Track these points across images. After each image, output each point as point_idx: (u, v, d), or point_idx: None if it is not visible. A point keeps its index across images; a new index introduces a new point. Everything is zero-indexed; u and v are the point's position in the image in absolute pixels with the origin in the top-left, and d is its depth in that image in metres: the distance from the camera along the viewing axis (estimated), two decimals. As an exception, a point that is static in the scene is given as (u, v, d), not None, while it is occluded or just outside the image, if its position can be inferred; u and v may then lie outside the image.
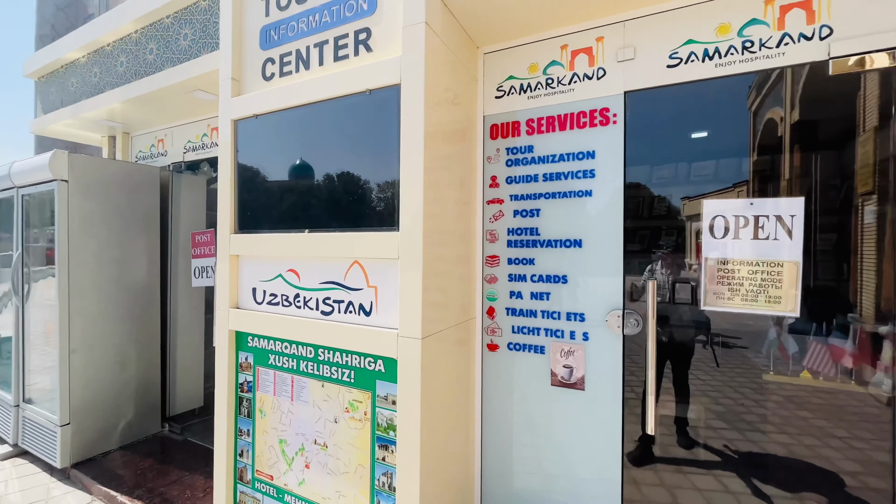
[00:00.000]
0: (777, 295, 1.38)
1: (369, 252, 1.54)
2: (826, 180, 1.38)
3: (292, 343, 1.76)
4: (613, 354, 1.60)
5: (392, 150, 1.50)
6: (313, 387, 1.71)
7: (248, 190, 1.91)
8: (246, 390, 1.92)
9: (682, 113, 1.52)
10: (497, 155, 1.83)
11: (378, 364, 1.54)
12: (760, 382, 1.51)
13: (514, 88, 1.79)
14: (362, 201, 1.60)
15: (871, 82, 1.30)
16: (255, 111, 1.84)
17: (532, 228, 1.75)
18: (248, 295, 1.91)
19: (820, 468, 1.45)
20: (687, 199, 1.55)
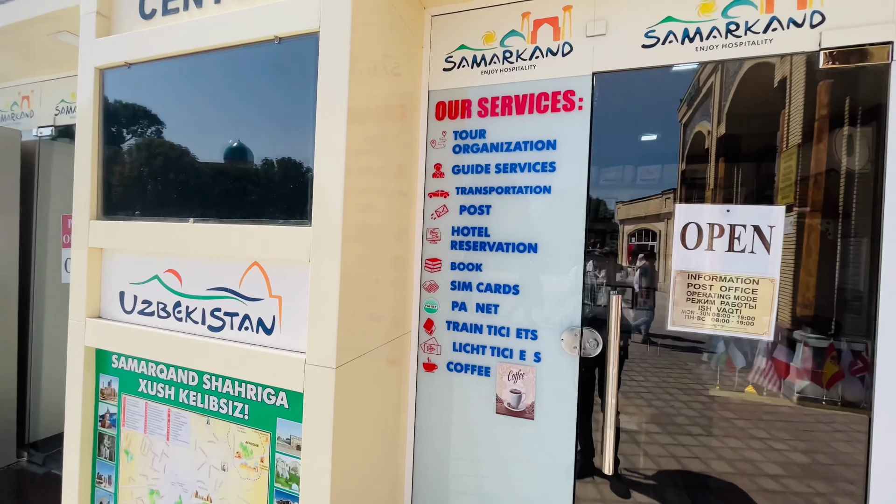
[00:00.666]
0: (750, 316, 1.22)
1: (273, 251, 1.18)
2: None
3: (169, 366, 1.35)
4: (568, 379, 1.37)
5: (307, 121, 1.15)
6: (196, 423, 1.31)
7: (115, 163, 1.45)
8: (108, 425, 1.47)
9: (658, 101, 1.32)
10: (443, 139, 1.53)
11: (280, 398, 1.19)
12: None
13: (465, 60, 1.50)
14: (266, 186, 1.22)
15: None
16: (127, 58, 1.39)
17: (481, 228, 1.48)
18: (114, 301, 1.46)
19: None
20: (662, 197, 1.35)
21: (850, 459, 1.27)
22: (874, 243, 1.23)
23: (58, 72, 2.46)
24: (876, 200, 1.24)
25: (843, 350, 1.39)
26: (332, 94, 1.10)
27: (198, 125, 1.33)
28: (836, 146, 1.28)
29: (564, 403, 1.37)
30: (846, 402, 1.34)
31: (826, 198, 1.30)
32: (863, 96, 1.22)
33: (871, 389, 1.19)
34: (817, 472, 1.38)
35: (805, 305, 1.34)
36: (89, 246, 1.44)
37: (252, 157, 1.25)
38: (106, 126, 1.45)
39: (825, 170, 1.29)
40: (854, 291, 1.30)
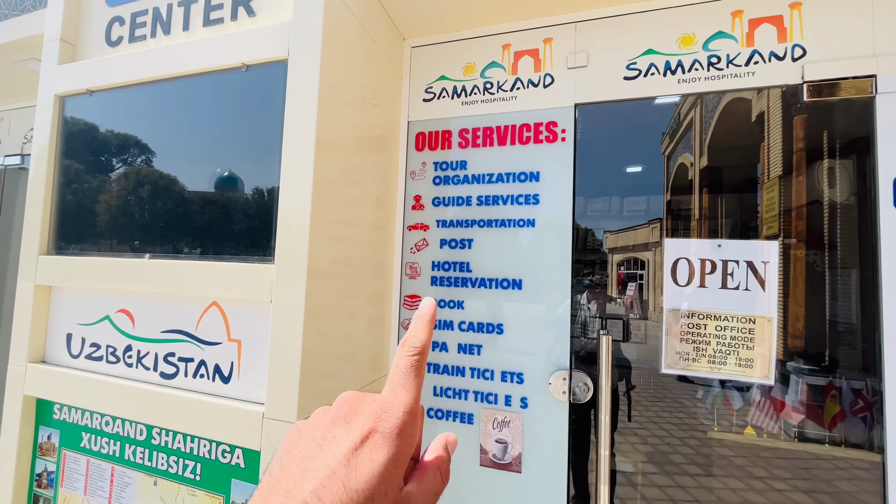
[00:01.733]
0: (749, 357, 1.14)
1: (233, 291, 1.08)
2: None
3: (115, 419, 1.21)
4: (557, 428, 1.26)
5: (274, 152, 1.07)
6: (142, 484, 1.17)
7: (70, 194, 1.35)
8: (45, 485, 1.30)
9: (642, 132, 1.28)
10: (423, 170, 1.47)
11: (236, 455, 1.06)
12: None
13: (445, 91, 1.46)
14: (229, 219, 1.14)
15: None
16: (89, 85, 1.32)
17: (462, 263, 1.40)
18: (61, 344, 1.32)
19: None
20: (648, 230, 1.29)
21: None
22: (864, 275, 1.19)
23: (27, 100, 2.39)
24: (864, 231, 1.21)
25: (844, 388, 1.31)
26: (299, 123, 1.03)
27: (159, 155, 1.25)
28: (819, 178, 1.26)
29: (554, 455, 1.26)
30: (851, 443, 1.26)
31: (812, 229, 1.27)
32: (847, 129, 1.21)
33: (882, 429, 1.10)
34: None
35: (802, 340, 1.28)
36: (36, 283, 1.32)
37: (215, 189, 1.17)
38: (62, 155, 1.37)
39: (809, 202, 1.26)
40: (850, 326, 1.25)
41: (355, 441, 0.28)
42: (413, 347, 0.32)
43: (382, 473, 0.27)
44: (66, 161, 1.36)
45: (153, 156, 1.25)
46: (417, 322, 0.34)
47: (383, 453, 0.28)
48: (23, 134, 2.41)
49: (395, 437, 0.29)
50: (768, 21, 1.16)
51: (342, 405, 0.31)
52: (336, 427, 0.30)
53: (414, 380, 0.31)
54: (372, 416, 0.30)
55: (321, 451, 0.28)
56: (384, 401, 0.30)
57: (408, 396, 0.31)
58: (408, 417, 0.30)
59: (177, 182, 1.22)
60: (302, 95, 1.04)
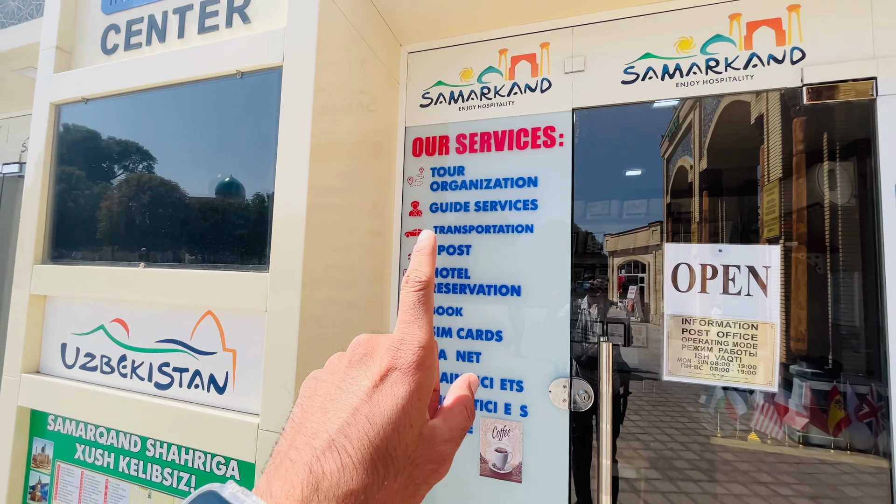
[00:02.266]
0: (752, 364, 1.12)
1: (228, 300, 1.06)
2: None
3: (110, 430, 1.20)
4: (558, 436, 1.24)
5: (268, 159, 1.07)
6: (136, 497, 1.15)
7: (65, 203, 1.34)
8: (38, 497, 1.29)
9: (640, 136, 1.27)
10: (420, 176, 1.47)
11: (231, 468, 1.04)
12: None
13: (442, 97, 1.46)
14: (222, 227, 1.13)
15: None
16: (84, 93, 1.32)
17: (461, 270, 1.39)
18: (55, 354, 1.31)
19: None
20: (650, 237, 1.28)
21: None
22: (866, 278, 1.17)
23: (25, 109, 2.39)
24: (865, 233, 1.20)
25: (848, 393, 1.30)
26: (294, 131, 1.02)
27: (154, 164, 1.24)
28: (820, 180, 1.25)
29: (555, 463, 1.24)
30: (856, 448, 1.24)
31: (813, 232, 1.26)
32: (848, 131, 1.20)
33: (889, 434, 1.08)
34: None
35: (805, 345, 1.26)
36: (31, 292, 1.31)
37: (210, 196, 1.16)
38: (58, 163, 1.36)
39: (810, 204, 1.25)
40: (854, 329, 1.23)
41: (374, 379, 0.28)
42: (417, 282, 0.32)
43: (405, 406, 0.28)
44: (62, 169, 1.35)
45: (148, 164, 1.25)
46: (418, 256, 0.33)
47: (404, 387, 0.28)
48: (21, 142, 2.41)
49: (413, 371, 0.29)
50: (766, 24, 1.15)
51: (357, 348, 0.31)
52: (353, 368, 0.30)
53: (424, 314, 0.31)
54: (388, 354, 0.30)
55: (342, 391, 0.29)
56: (398, 338, 0.30)
57: (420, 331, 0.30)
58: (424, 351, 0.30)
59: (172, 190, 1.21)
60: (296, 102, 1.03)
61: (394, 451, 0.26)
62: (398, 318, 0.32)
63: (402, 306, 0.32)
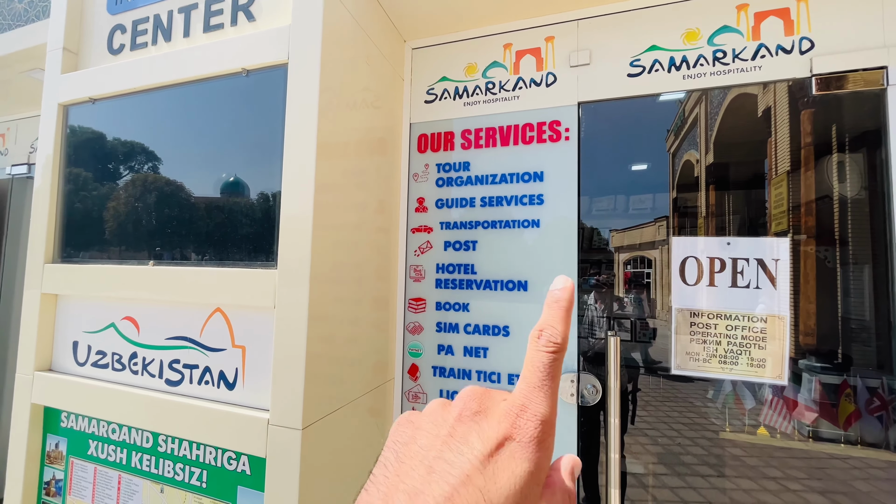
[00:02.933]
0: (761, 357, 1.12)
1: (236, 297, 1.07)
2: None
3: (122, 426, 1.21)
4: (566, 430, 1.24)
5: (275, 157, 1.07)
6: (148, 492, 1.16)
7: (75, 203, 1.36)
8: (53, 493, 1.31)
9: (647, 129, 1.27)
10: (425, 172, 1.47)
11: (242, 463, 1.06)
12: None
13: (447, 92, 1.46)
14: (230, 225, 1.13)
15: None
16: (92, 93, 1.33)
17: (467, 265, 1.39)
18: (67, 352, 1.33)
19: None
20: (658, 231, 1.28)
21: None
22: (877, 270, 1.16)
23: (33, 110, 2.41)
24: (875, 226, 1.19)
25: (859, 387, 1.29)
26: (300, 128, 1.03)
27: (162, 162, 1.25)
28: (829, 173, 1.23)
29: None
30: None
31: (822, 225, 1.25)
32: (857, 122, 1.18)
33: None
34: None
35: (815, 338, 1.25)
36: (42, 291, 1.33)
37: (218, 195, 1.17)
38: (67, 164, 1.37)
39: (819, 197, 1.24)
40: (864, 323, 1.22)
41: (490, 446, 0.25)
42: (552, 343, 0.28)
43: (523, 489, 0.24)
44: (71, 169, 1.37)
45: (156, 163, 1.26)
46: (555, 309, 0.29)
47: (524, 466, 0.25)
48: (29, 143, 2.43)
49: (534, 448, 0.25)
50: (774, 14, 1.14)
51: (469, 400, 0.27)
52: (463, 425, 0.26)
53: (552, 381, 0.27)
54: (507, 420, 0.26)
55: (449, 450, 0.25)
56: (519, 404, 0.26)
57: (546, 401, 0.26)
58: (546, 427, 0.26)
59: (179, 188, 1.21)
60: (302, 99, 1.03)
61: None
62: (522, 376, 0.27)
63: (528, 364, 0.27)
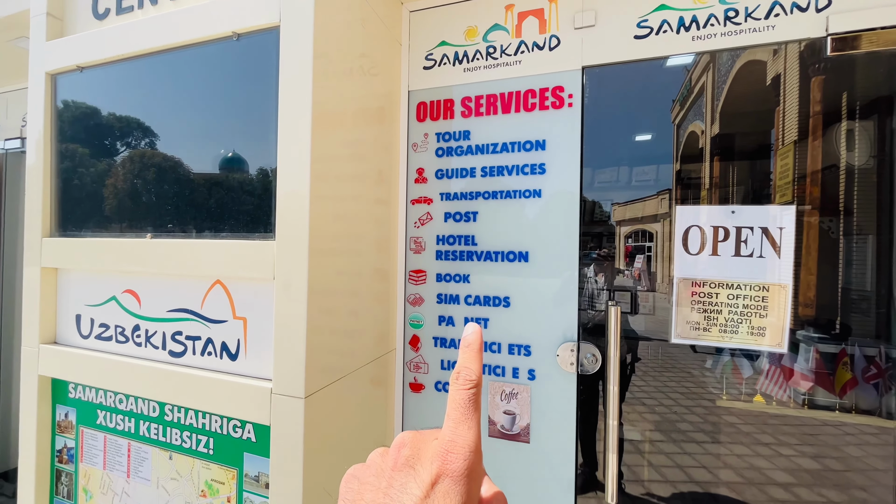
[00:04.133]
0: (761, 326, 1.12)
1: (235, 269, 1.07)
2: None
3: (129, 396, 1.23)
4: (566, 398, 1.26)
5: (269, 126, 1.04)
6: (158, 459, 1.19)
7: (69, 175, 1.34)
8: (66, 460, 1.34)
9: (653, 96, 1.23)
10: (425, 141, 1.43)
11: (247, 430, 1.08)
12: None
13: (446, 58, 1.40)
14: (229, 196, 1.12)
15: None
16: (79, 61, 1.28)
17: (467, 237, 1.38)
18: (71, 325, 1.34)
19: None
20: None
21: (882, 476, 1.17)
22: (880, 240, 1.15)
23: (23, 81, 2.35)
24: (882, 195, 1.18)
25: (857, 355, 1.30)
26: (294, 96, 0.99)
27: (155, 133, 1.22)
28: (837, 142, 1.21)
29: (562, 424, 1.26)
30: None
31: (827, 195, 1.23)
32: (870, 87, 1.14)
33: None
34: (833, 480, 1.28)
35: (816, 308, 1.25)
36: (42, 265, 1.33)
37: (213, 166, 1.15)
38: (59, 135, 1.34)
39: (825, 167, 1.22)
40: (865, 294, 1.22)
41: (425, 487, 0.27)
42: (468, 381, 0.31)
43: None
44: (63, 140, 1.34)
45: (150, 133, 1.23)
46: (468, 353, 0.32)
47: (456, 499, 0.27)
48: (21, 117, 2.38)
49: (464, 480, 0.27)
50: (791, -32, 1.08)
51: (402, 448, 0.30)
52: (400, 473, 0.28)
53: (473, 414, 0.30)
54: (438, 459, 0.28)
55: (390, 499, 0.27)
56: (447, 441, 0.29)
57: (470, 434, 0.29)
58: (474, 457, 0.28)
59: (173, 160, 1.19)
60: (295, 65, 1.00)
61: None
62: (447, 414, 0.30)
63: (451, 403, 0.30)
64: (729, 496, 1.39)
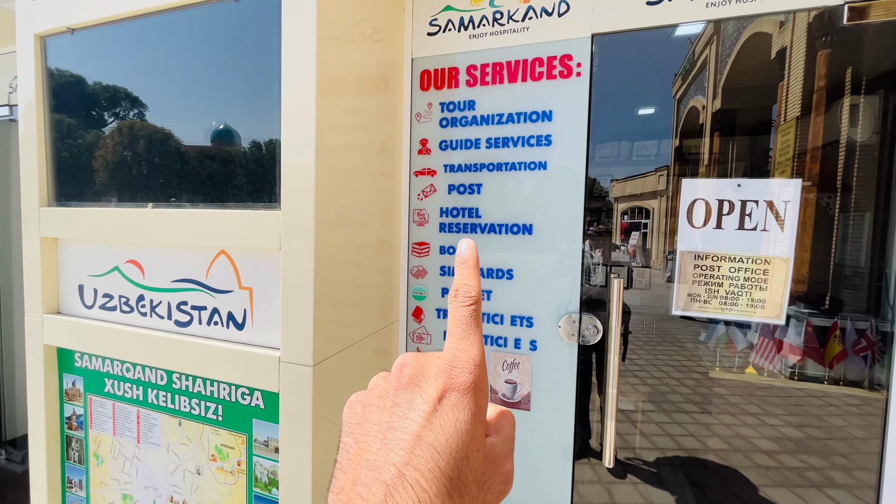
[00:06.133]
0: (761, 298, 1.14)
1: (240, 238, 1.06)
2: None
3: (136, 365, 1.25)
4: (567, 368, 1.29)
5: (272, 94, 1.01)
6: (167, 425, 1.22)
7: (65, 143, 1.30)
8: (75, 427, 1.37)
9: (657, 69, 1.20)
10: (429, 111, 1.40)
11: (255, 398, 1.10)
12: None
13: (451, 23, 1.36)
14: (232, 166, 1.10)
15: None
16: (69, 23, 1.23)
17: (471, 209, 1.37)
18: (74, 295, 1.34)
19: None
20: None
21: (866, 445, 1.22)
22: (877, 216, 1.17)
23: (9, 45, 2.26)
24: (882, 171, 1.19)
25: (848, 329, 1.33)
26: (297, 63, 0.96)
27: (154, 100, 1.19)
28: (840, 117, 1.20)
29: (563, 393, 1.30)
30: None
31: (827, 171, 1.24)
32: (877, 61, 1.13)
33: (890, 369, 1.12)
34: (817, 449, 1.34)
35: (808, 284, 1.28)
36: (42, 235, 1.31)
37: (216, 134, 1.12)
38: (52, 102, 1.30)
39: (826, 143, 1.22)
40: (859, 269, 1.25)
41: (432, 402, 0.27)
42: (468, 297, 0.30)
43: (470, 430, 0.26)
44: (56, 106, 1.30)
45: (147, 100, 1.19)
46: (464, 269, 0.32)
47: (465, 410, 0.27)
48: (7, 83, 2.30)
49: (471, 392, 0.27)
50: (811, -69, 1.04)
51: (404, 368, 0.29)
52: (405, 391, 0.28)
53: (476, 329, 0.30)
54: (443, 374, 0.28)
55: (398, 417, 0.27)
56: (451, 356, 0.28)
57: (474, 348, 0.29)
58: (479, 370, 0.28)
59: (174, 127, 1.16)
60: (298, 29, 0.96)
61: (465, 479, 0.25)
62: (448, 332, 0.30)
63: (452, 321, 0.30)
64: (720, 463, 1.45)
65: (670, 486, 1.45)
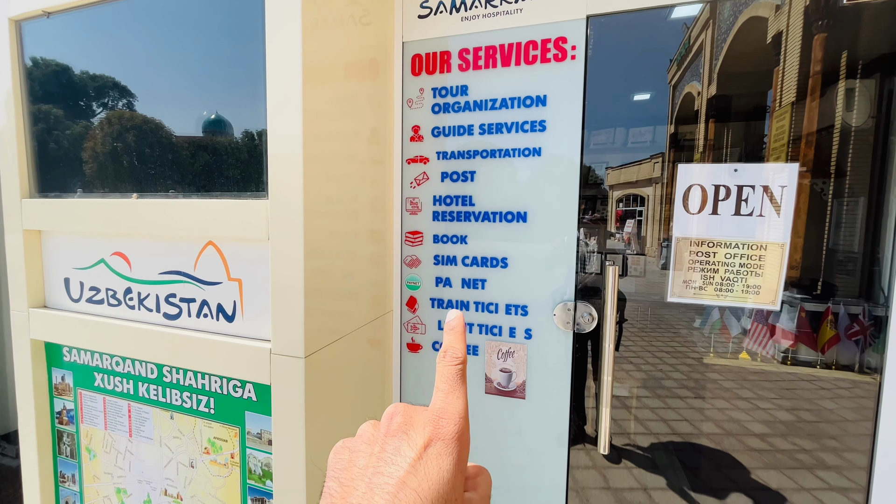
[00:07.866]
0: (756, 284, 1.13)
1: (227, 229, 1.04)
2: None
3: (125, 359, 1.23)
4: (562, 356, 1.29)
5: (258, 80, 0.98)
6: (159, 419, 1.20)
7: (46, 132, 1.26)
8: (66, 421, 1.35)
9: (663, 48, 1.18)
10: (420, 97, 1.37)
11: (247, 390, 1.08)
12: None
13: (443, 5, 1.32)
14: (216, 154, 1.07)
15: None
16: (44, 5, 1.18)
17: (465, 197, 1.35)
18: (59, 288, 1.31)
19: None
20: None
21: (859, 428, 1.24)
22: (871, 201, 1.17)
23: None
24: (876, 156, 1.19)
25: (841, 313, 1.34)
26: (283, 47, 0.93)
27: (136, 88, 1.15)
28: (835, 102, 1.19)
29: (558, 381, 1.29)
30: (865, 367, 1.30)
31: (822, 156, 1.23)
32: (873, 45, 1.12)
33: (883, 353, 1.12)
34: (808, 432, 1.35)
35: (802, 270, 1.28)
36: (24, 228, 1.28)
37: (201, 122, 1.09)
38: (30, 89, 1.26)
39: (821, 128, 1.21)
40: (852, 254, 1.25)
41: (418, 450, 0.28)
42: (455, 358, 0.33)
43: (451, 480, 0.27)
44: (35, 94, 1.26)
45: (129, 87, 1.15)
46: (453, 335, 0.35)
47: (448, 460, 0.28)
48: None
49: (456, 443, 0.29)
50: None
51: (395, 416, 0.31)
52: (393, 438, 0.29)
53: (461, 386, 0.32)
54: (430, 424, 0.30)
55: (385, 462, 0.28)
56: (439, 408, 0.30)
57: (460, 402, 0.31)
58: (464, 423, 0.30)
59: (158, 115, 1.13)
60: (282, 10, 0.92)
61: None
62: (436, 388, 0.32)
63: (440, 378, 0.32)
64: (715, 448, 1.46)
65: (664, 470, 1.47)
